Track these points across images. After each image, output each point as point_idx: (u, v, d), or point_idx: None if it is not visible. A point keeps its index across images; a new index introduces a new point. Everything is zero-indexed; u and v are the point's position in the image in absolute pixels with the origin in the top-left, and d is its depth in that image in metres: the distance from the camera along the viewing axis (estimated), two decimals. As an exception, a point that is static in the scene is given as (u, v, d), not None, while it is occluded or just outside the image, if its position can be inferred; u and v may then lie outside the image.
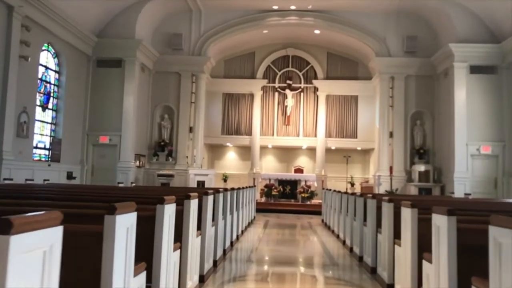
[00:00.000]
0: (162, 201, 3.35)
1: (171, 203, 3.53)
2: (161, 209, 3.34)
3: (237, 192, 8.55)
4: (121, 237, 2.49)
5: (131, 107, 15.65)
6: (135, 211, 2.70)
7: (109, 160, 15.73)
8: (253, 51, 20.04)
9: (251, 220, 12.14)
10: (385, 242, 5.18)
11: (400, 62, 16.91)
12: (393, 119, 16.99)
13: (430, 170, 16.31)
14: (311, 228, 11.61)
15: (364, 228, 6.59)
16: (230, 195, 7.69)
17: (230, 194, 7.68)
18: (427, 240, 3.78)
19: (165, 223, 3.38)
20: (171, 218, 3.58)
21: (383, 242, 5.32)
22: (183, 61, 17.24)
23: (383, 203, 5.27)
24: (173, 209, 3.64)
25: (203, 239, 5.14)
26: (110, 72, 15.81)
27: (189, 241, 4.24)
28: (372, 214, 6.00)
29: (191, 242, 4.30)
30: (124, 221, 2.52)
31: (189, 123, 17.24)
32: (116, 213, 2.40)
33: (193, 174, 15.38)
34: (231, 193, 7.86)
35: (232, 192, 7.86)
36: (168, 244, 3.52)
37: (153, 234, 3.33)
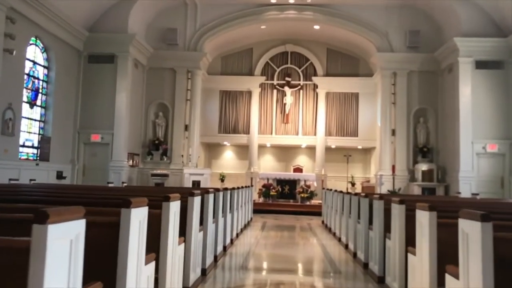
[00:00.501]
0: (129, 204, 2.72)
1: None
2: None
3: (231, 193, 7.91)
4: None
5: (124, 104, 15.01)
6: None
7: (101, 159, 15.08)
8: (251, 47, 19.39)
9: (248, 221, 11.50)
10: (395, 249, 4.54)
11: (403, 58, 16.27)
12: (395, 116, 16.36)
13: (433, 169, 15.66)
14: (311, 230, 10.97)
15: (370, 232, 5.94)
16: (223, 195, 7.05)
17: (223, 194, 7.04)
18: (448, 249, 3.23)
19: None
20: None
21: (393, 248, 4.68)
22: (178, 57, 16.60)
23: (392, 205, 4.63)
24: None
25: (188, 246, 4.49)
26: (102, 68, 15.16)
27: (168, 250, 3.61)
28: (380, 217, 5.35)
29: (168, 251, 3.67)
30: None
31: (185, 121, 16.60)
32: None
33: (188, 173, 14.74)
34: (224, 193, 7.22)
35: (225, 192, 7.21)
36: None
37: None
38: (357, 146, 19.29)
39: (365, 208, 6.32)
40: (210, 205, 5.57)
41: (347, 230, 7.92)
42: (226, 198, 7.22)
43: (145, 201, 2.97)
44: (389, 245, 4.91)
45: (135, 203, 2.72)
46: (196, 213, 4.73)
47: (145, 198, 3.01)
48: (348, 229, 7.81)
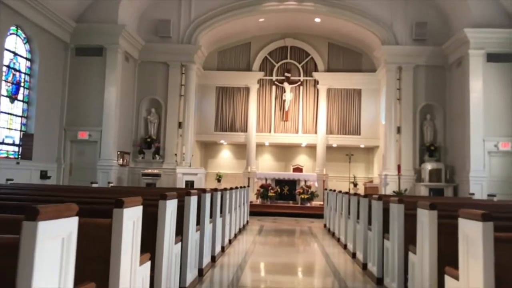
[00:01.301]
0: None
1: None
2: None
3: (222, 194, 6.88)
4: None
5: (113, 99, 13.97)
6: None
7: (89, 158, 14.05)
8: (249, 42, 18.36)
9: (244, 225, 10.46)
10: (423, 266, 3.50)
11: (408, 51, 15.24)
12: (400, 113, 15.32)
13: (441, 169, 14.61)
14: (312, 235, 9.93)
15: (386, 243, 4.90)
16: (211, 197, 6.02)
17: (211, 196, 6.01)
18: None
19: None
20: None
21: (418, 264, 3.65)
22: (172, 50, 15.56)
23: (420, 211, 3.59)
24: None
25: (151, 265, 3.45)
26: (90, 61, 14.13)
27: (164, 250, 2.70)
28: (399, 226, 4.32)
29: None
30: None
31: (178, 118, 15.55)
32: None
33: (181, 173, 13.71)
34: (213, 195, 6.19)
35: (214, 193, 6.18)
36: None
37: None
38: (360, 145, 18.26)
39: (379, 213, 5.29)
40: (191, 209, 4.53)
41: (355, 237, 6.89)
42: (215, 201, 6.18)
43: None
44: (413, 260, 3.87)
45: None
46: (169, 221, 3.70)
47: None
48: (355, 236, 6.78)
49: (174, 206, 3.77)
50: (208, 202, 5.60)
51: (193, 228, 4.72)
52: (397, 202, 4.49)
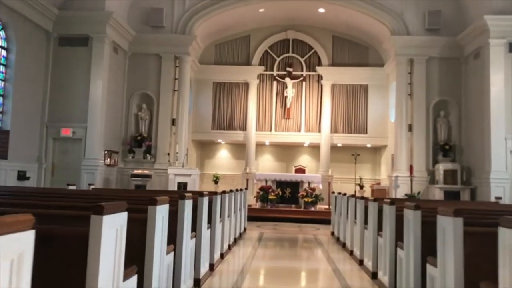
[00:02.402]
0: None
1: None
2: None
3: (211, 200, 5.47)
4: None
5: (99, 94, 12.58)
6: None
7: (73, 157, 12.66)
8: (248, 34, 16.97)
9: (240, 233, 9.04)
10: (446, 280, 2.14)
11: (421, 42, 13.83)
12: (412, 110, 13.89)
13: (457, 170, 13.18)
14: (318, 244, 8.51)
15: (431, 269, 3.48)
16: (197, 205, 4.63)
17: (197, 204, 4.63)
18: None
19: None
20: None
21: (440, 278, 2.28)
22: (165, 41, 14.16)
23: (443, 219, 2.18)
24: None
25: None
26: (74, 52, 12.76)
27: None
28: (456, 247, 2.90)
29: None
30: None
31: (172, 114, 14.15)
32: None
33: (172, 174, 12.29)
34: (200, 201, 4.78)
35: (200, 200, 4.77)
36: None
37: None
38: (366, 145, 16.85)
39: (411, 228, 3.87)
40: (158, 225, 3.12)
41: (376, 253, 5.47)
42: (201, 209, 4.77)
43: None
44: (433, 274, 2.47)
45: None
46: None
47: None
48: (379, 253, 5.35)
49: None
50: (185, 214, 4.20)
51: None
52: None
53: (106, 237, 2.18)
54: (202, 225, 4.85)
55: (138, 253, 2.96)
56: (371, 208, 5.71)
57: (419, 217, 3.89)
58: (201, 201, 4.73)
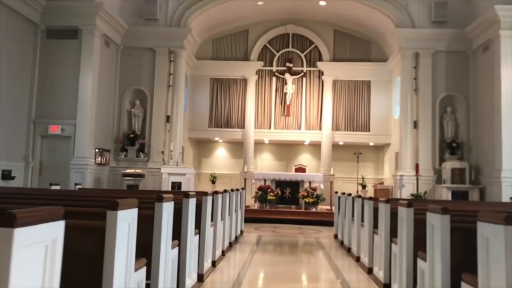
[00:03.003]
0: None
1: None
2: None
3: (199, 203, 4.73)
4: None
5: (89, 89, 11.84)
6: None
7: (62, 155, 11.92)
8: (246, 29, 16.23)
9: (237, 236, 8.30)
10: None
11: (427, 35, 13.09)
12: (417, 106, 13.16)
13: (465, 169, 12.44)
14: (321, 249, 7.78)
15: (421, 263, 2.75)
16: (182, 208, 3.90)
17: (182, 206, 3.90)
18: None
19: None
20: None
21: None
22: (159, 34, 13.42)
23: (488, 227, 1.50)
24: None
25: None
26: (63, 45, 12.03)
27: None
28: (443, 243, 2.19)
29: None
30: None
31: (166, 111, 13.42)
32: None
33: (166, 173, 11.55)
34: (185, 203, 4.05)
35: (185, 202, 4.03)
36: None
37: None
38: (369, 143, 16.12)
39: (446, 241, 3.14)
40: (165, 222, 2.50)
41: (387, 261, 4.73)
42: (185, 213, 4.03)
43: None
44: None
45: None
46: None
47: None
48: (393, 262, 4.61)
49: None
50: (166, 221, 3.47)
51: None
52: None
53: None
54: (188, 230, 4.11)
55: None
56: (382, 211, 4.97)
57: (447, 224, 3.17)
58: (186, 202, 4.02)
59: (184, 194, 4.10)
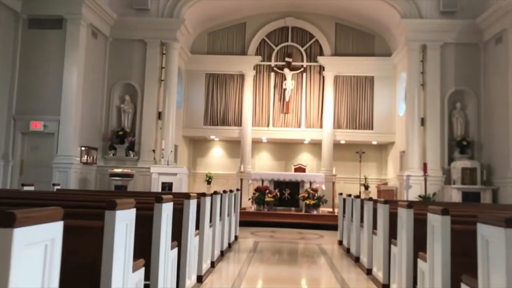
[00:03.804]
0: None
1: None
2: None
3: (178, 210, 3.78)
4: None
5: (74, 82, 10.90)
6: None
7: (44, 154, 10.98)
8: (244, 22, 15.29)
9: (230, 243, 7.35)
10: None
11: (435, 26, 12.15)
12: (425, 102, 12.22)
13: (477, 168, 11.51)
14: (325, 258, 6.83)
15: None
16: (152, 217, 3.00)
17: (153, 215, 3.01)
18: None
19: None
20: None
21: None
22: (150, 25, 12.47)
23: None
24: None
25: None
26: (46, 35, 11.09)
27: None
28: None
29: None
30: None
31: (158, 107, 12.48)
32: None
33: (156, 173, 10.60)
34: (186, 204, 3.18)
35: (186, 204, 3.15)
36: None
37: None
38: (372, 142, 15.18)
39: None
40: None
41: (409, 279, 3.79)
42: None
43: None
44: None
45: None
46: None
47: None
48: (419, 281, 3.66)
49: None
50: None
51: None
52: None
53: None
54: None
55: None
56: (403, 218, 4.02)
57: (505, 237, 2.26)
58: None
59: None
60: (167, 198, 3.31)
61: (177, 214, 3.86)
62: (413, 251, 3.88)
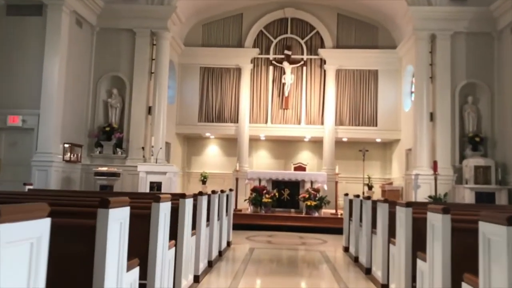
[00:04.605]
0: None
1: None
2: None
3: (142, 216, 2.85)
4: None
5: (56, 73, 9.92)
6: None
7: (23, 151, 10.00)
8: (241, 13, 14.34)
9: (222, 250, 6.38)
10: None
11: (445, 14, 11.19)
12: (434, 95, 11.26)
13: (491, 167, 10.55)
14: (330, 268, 5.85)
15: None
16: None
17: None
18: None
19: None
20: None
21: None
22: (139, 13, 11.49)
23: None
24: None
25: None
26: (25, 23, 10.13)
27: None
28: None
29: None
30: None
31: (148, 101, 11.51)
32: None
33: (143, 172, 9.62)
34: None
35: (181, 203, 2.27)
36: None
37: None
38: (376, 139, 14.22)
39: None
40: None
41: None
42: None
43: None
44: None
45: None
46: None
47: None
48: None
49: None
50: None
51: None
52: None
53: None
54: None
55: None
56: (435, 226, 3.05)
57: None
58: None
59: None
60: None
61: (142, 220, 2.95)
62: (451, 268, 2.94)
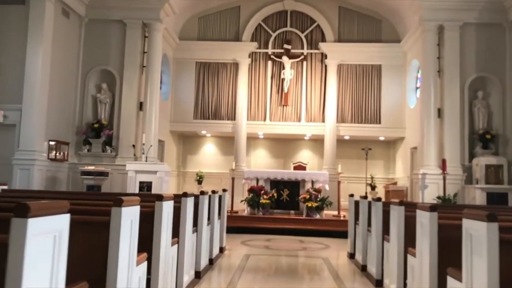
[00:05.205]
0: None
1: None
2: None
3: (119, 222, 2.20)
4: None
5: (39, 66, 9.20)
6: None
7: (5, 148, 9.30)
8: (238, 5, 13.62)
9: (213, 258, 5.66)
10: None
11: (453, 4, 10.47)
12: (442, 90, 10.55)
13: (503, 166, 9.84)
14: (333, 278, 5.14)
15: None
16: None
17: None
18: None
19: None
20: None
21: None
22: (130, 4, 10.76)
23: None
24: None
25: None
26: (7, 12, 9.43)
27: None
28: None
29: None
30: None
31: (139, 96, 10.80)
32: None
33: (133, 171, 8.90)
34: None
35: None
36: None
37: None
38: (379, 137, 13.51)
39: None
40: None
41: None
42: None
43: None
44: None
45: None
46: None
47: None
48: None
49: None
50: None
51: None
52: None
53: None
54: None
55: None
56: (481, 234, 2.33)
57: None
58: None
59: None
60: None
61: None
62: None
